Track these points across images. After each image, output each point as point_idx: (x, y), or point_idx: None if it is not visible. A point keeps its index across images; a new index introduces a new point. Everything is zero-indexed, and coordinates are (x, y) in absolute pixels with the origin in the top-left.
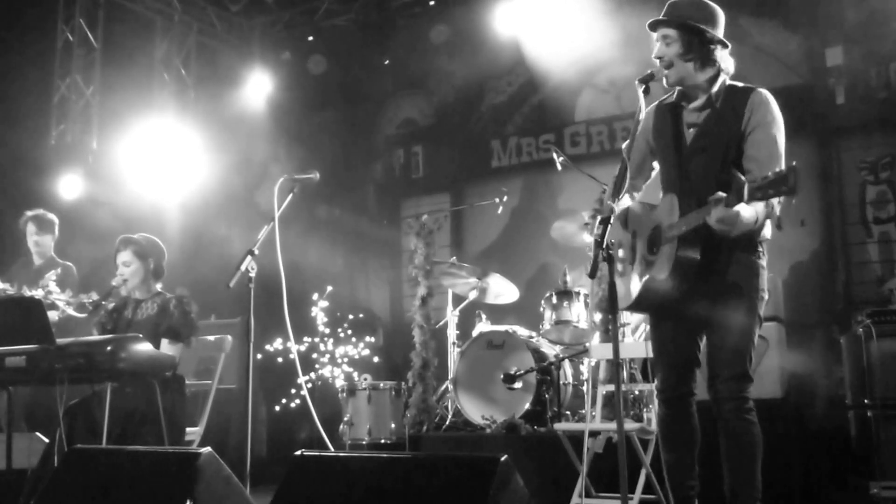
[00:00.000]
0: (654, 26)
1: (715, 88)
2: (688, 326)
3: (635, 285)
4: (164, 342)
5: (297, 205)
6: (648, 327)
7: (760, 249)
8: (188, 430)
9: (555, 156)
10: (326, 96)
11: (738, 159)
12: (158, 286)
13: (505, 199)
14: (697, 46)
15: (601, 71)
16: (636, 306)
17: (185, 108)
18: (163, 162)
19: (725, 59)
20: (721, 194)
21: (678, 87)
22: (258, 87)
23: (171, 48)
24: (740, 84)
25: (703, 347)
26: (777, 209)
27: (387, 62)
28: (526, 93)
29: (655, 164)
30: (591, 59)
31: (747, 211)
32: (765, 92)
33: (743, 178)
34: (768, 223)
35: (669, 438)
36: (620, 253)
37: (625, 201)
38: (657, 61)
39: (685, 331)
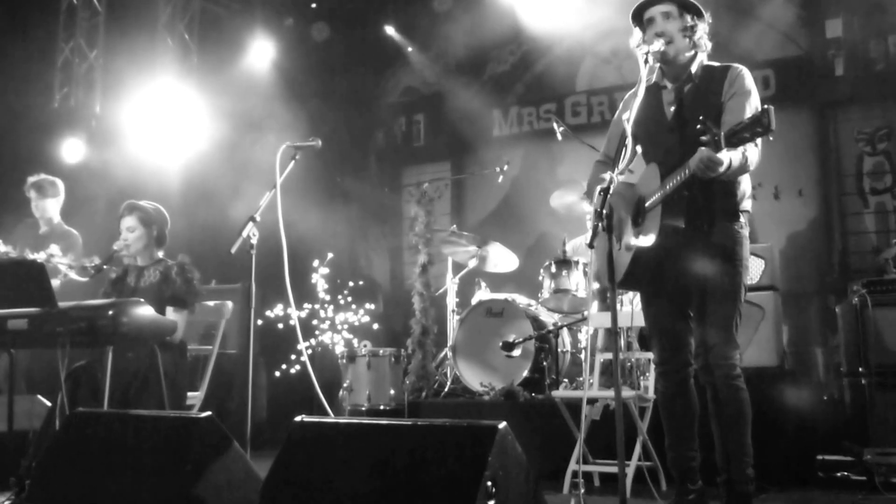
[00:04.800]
0: (650, 4)
1: (694, 67)
2: (677, 298)
3: (625, 259)
4: (170, 310)
5: (299, 172)
6: (641, 305)
7: (742, 220)
8: (189, 394)
9: (555, 125)
10: (329, 63)
11: None
12: (160, 253)
13: (506, 168)
14: (693, 25)
15: (603, 41)
16: (628, 279)
17: (188, 72)
18: (165, 126)
19: (706, 39)
20: (707, 137)
21: (657, 68)
22: (261, 53)
23: (174, 13)
24: (716, 63)
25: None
26: (751, 162)
27: (389, 30)
28: (528, 62)
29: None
30: (593, 29)
31: (726, 158)
32: (741, 66)
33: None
34: (748, 198)
35: (670, 412)
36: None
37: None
38: (654, 39)
39: (675, 303)
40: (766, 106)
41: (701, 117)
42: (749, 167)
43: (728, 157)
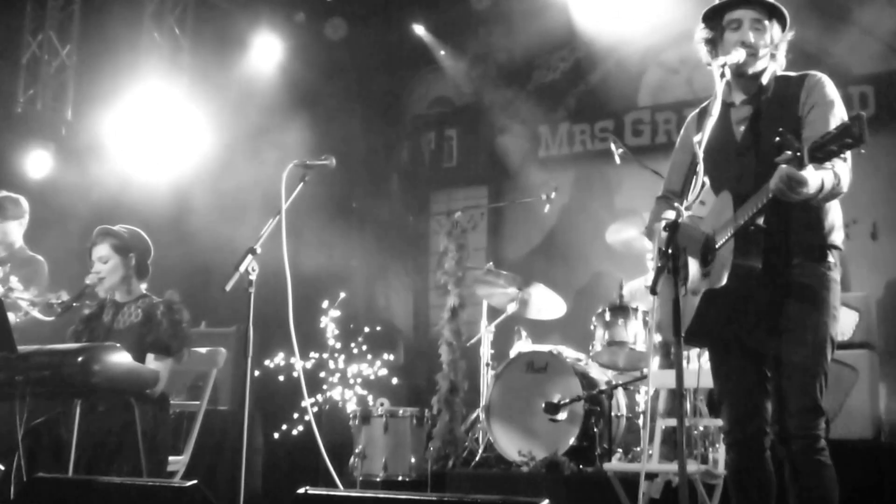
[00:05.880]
0: (737, 5)
1: (766, 78)
2: (751, 353)
3: (691, 307)
4: (150, 357)
5: (308, 195)
6: (709, 361)
7: (831, 259)
8: (171, 458)
9: (613, 146)
10: (346, 67)
11: None
12: (143, 287)
13: (553, 195)
14: (779, 36)
15: (671, 47)
16: (694, 332)
17: (178, 74)
18: (151, 137)
19: (784, 50)
20: (788, 153)
21: (724, 82)
22: (266, 53)
23: (163, 3)
24: (792, 73)
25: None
26: (844, 183)
27: (418, 29)
28: (581, 71)
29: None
30: (659, 33)
31: (812, 176)
32: (820, 73)
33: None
34: (838, 229)
35: (741, 489)
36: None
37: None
38: (739, 48)
39: (749, 359)
40: (856, 112)
41: (780, 129)
42: (841, 189)
43: (817, 176)
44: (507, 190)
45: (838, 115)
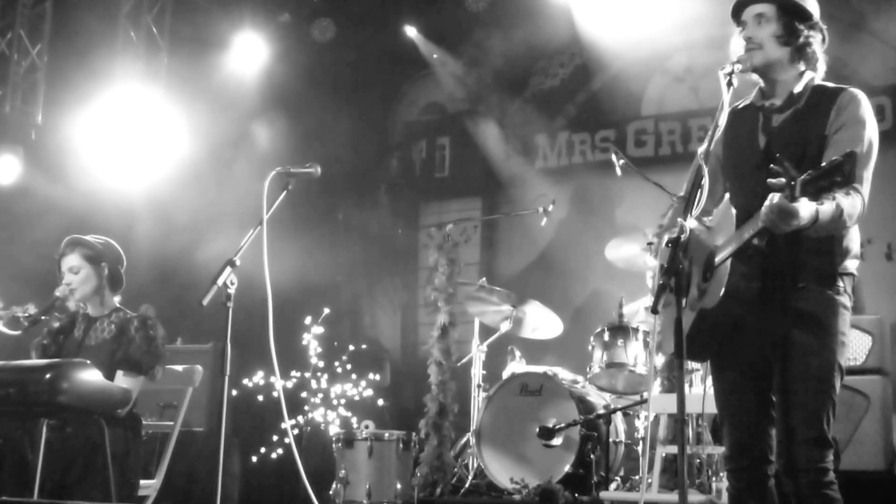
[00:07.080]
0: (743, 6)
1: (799, 87)
2: (755, 377)
3: (688, 321)
4: (120, 374)
5: (292, 205)
6: (711, 380)
7: (841, 284)
8: (143, 482)
9: (614, 157)
10: (333, 70)
11: None
12: (116, 300)
13: (550, 208)
14: (796, 30)
15: (676, 54)
16: (691, 345)
17: (155, 75)
18: (125, 143)
19: (820, 54)
20: (782, 180)
21: (758, 86)
22: (249, 55)
23: (140, 0)
24: (831, 84)
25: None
26: (849, 215)
27: (411, 31)
28: (582, 78)
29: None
30: (664, 40)
31: (804, 208)
32: (856, 90)
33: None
34: (853, 256)
35: None
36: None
37: (690, 224)
38: (741, 46)
39: (752, 382)
40: (850, 150)
41: (777, 155)
42: (845, 222)
43: (810, 207)
44: (501, 202)
45: (867, 137)
